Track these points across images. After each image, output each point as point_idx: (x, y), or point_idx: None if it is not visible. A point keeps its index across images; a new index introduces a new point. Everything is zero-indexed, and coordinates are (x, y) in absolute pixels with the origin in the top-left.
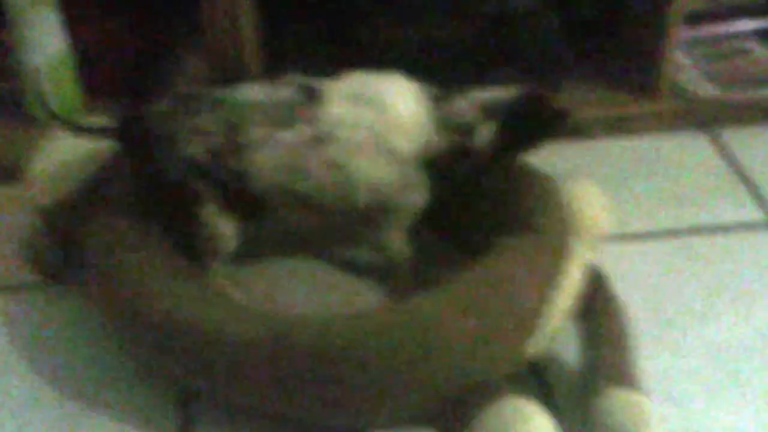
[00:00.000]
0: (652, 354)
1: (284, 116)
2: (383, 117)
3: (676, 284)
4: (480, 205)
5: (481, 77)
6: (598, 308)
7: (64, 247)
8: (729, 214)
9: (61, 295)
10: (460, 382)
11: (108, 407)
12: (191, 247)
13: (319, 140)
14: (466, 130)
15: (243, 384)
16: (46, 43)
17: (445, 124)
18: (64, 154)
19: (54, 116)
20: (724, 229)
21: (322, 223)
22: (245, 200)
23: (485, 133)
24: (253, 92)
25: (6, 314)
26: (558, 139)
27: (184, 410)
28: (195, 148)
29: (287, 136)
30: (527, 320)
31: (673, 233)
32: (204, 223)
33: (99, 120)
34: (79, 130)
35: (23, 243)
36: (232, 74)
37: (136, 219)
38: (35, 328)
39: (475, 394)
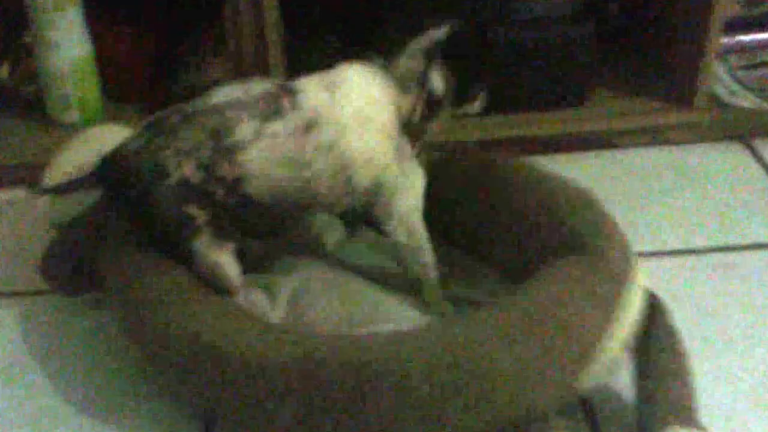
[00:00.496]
0: (704, 379)
1: (270, 108)
2: (357, 95)
3: (721, 303)
4: (522, 224)
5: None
6: (654, 338)
7: (80, 262)
8: None
9: (79, 302)
10: (505, 414)
11: (126, 424)
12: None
13: (309, 126)
14: (422, 82)
15: (269, 411)
16: (70, 45)
17: (404, 85)
18: (85, 147)
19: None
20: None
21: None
22: (246, 217)
23: (437, 76)
24: (228, 93)
25: (22, 320)
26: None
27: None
28: (185, 169)
29: (278, 126)
30: (583, 352)
31: (714, 250)
32: (200, 257)
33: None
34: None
35: (40, 257)
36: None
37: None
38: (52, 336)
39: (520, 427)
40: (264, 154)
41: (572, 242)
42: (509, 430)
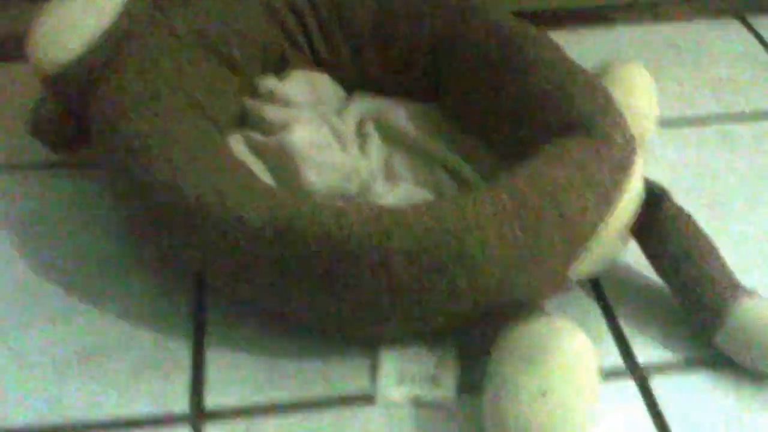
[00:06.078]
0: None
1: None
2: None
3: (722, 170)
4: (528, 102)
5: None
6: (667, 224)
7: (73, 114)
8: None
9: (69, 176)
10: (490, 300)
11: (114, 296)
12: None
13: None
14: None
15: (246, 271)
16: None
17: None
18: (73, 10)
19: None
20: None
21: None
22: None
23: None
24: None
25: (8, 195)
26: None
27: (197, 298)
28: None
29: None
30: (578, 240)
31: (712, 119)
32: None
33: None
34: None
35: (29, 112)
36: None
37: (157, 78)
38: (38, 211)
39: (506, 311)
40: None
41: (577, 123)
42: (493, 314)
